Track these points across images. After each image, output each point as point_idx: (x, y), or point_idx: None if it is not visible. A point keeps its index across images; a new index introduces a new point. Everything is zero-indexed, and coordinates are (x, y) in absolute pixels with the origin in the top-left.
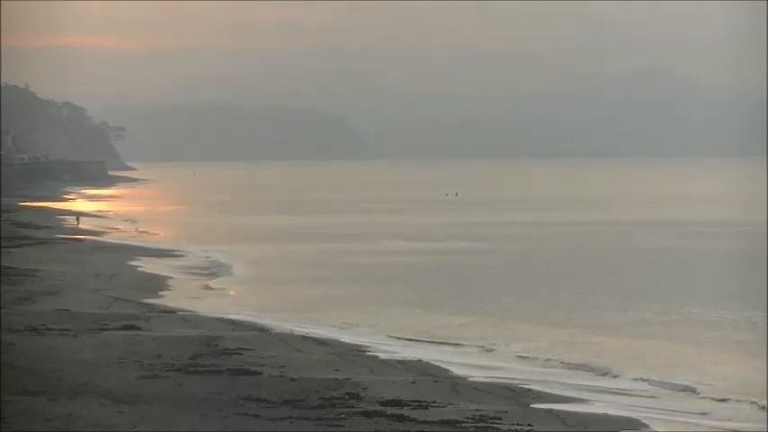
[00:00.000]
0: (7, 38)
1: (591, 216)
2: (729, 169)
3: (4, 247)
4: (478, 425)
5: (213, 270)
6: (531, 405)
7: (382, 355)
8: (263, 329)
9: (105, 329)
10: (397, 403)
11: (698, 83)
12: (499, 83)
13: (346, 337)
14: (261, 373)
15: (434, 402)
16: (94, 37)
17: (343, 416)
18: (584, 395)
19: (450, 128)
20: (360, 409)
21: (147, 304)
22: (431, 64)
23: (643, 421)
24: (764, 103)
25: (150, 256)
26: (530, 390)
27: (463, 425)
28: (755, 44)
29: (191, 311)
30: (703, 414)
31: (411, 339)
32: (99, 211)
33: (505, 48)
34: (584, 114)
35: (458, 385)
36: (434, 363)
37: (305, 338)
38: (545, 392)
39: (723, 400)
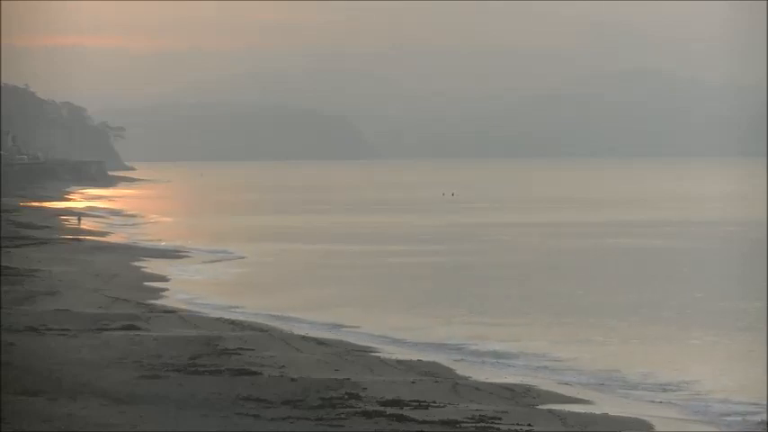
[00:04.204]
0: (7, 38)
1: (590, 216)
2: (729, 169)
3: (4, 247)
4: (478, 425)
5: (214, 270)
6: (531, 405)
7: (382, 355)
8: (263, 329)
9: (105, 329)
10: (397, 403)
11: (698, 83)
12: (499, 83)
13: (346, 337)
14: (261, 373)
15: (434, 402)
16: (94, 37)
17: (343, 416)
18: (585, 395)
19: (451, 128)
20: (360, 409)
21: (147, 304)
22: (431, 64)
23: (643, 421)
24: (764, 103)
25: (151, 256)
26: (530, 390)
27: (463, 425)
28: (755, 44)
29: (191, 311)
30: (703, 413)
31: (411, 339)
32: (100, 210)
33: (505, 48)
34: (584, 114)
35: (458, 385)
36: (434, 363)
37: (305, 338)
38: (545, 392)
39: (723, 400)
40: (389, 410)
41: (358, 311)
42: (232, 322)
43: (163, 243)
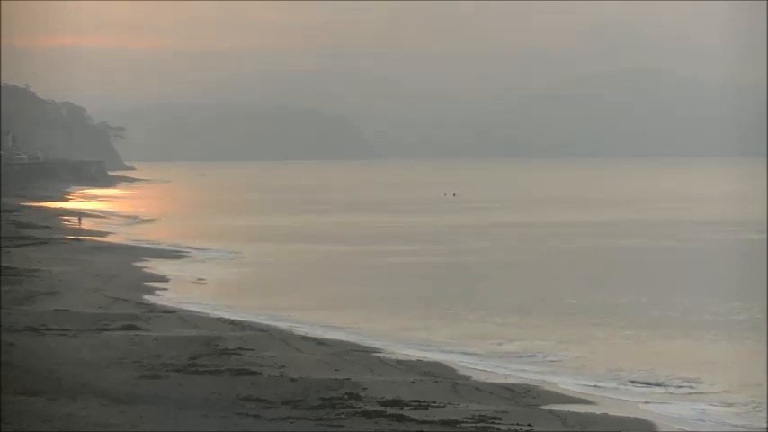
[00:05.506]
0: (7, 38)
1: (590, 216)
2: (729, 169)
3: (4, 247)
4: (478, 425)
5: (214, 270)
6: (531, 405)
7: (382, 355)
8: (263, 329)
9: (105, 329)
10: (397, 403)
11: (698, 83)
12: (499, 83)
13: (346, 337)
14: (261, 373)
15: (434, 402)
16: (94, 37)
17: (343, 416)
18: (585, 395)
19: (451, 128)
20: (360, 409)
21: (147, 304)
22: (431, 64)
23: (644, 421)
24: (764, 103)
25: (151, 256)
26: (530, 390)
27: (463, 425)
28: (755, 44)
29: (191, 311)
30: (703, 413)
31: (411, 339)
32: (100, 210)
33: (505, 48)
34: (585, 114)
35: (458, 385)
36: (434, 362)
37: (305, 338)
38: (545, 392)
39: (723, 400)
40: (389, 410)
41: (358, 311)
42: (232, 322)
43: (162, 243)
